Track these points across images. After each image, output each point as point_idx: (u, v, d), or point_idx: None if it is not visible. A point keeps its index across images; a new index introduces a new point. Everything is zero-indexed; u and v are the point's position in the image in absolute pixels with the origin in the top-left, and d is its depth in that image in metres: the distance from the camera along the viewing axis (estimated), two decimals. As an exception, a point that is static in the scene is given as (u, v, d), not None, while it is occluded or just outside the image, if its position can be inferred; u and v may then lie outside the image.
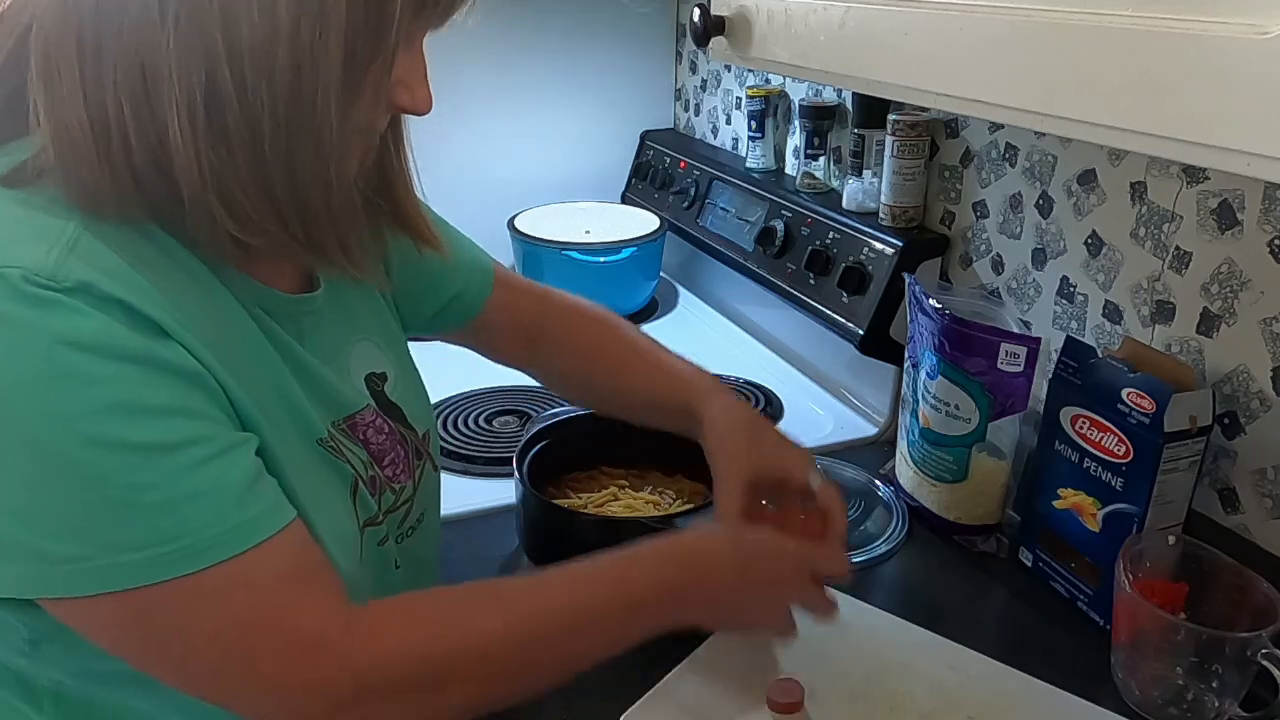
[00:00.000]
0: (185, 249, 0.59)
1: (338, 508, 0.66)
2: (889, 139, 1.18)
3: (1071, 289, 1.03)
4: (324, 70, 0.54)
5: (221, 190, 0.55)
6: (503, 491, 1.04)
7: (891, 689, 0.78)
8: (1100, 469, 0.85)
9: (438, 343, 1.52)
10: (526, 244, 1.59)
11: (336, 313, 0.73)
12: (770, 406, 1.30)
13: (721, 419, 0.84)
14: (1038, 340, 0.92)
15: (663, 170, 1.75)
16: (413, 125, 2.01)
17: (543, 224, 1.61)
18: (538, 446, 0.99)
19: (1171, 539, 0.82)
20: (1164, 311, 0.92)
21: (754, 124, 1.50)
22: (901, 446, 1.06)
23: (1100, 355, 0.86)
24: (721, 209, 1.55)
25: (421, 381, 0.83)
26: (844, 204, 1.29)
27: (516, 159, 1.79)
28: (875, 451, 1.19)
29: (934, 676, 0.80)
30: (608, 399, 0.95)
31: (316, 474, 0.64)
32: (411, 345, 1.58)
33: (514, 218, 1.64)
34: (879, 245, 1.20)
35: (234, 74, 0.52)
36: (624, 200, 1.85)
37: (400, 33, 0.57)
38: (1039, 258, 1.06)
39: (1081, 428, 0.86)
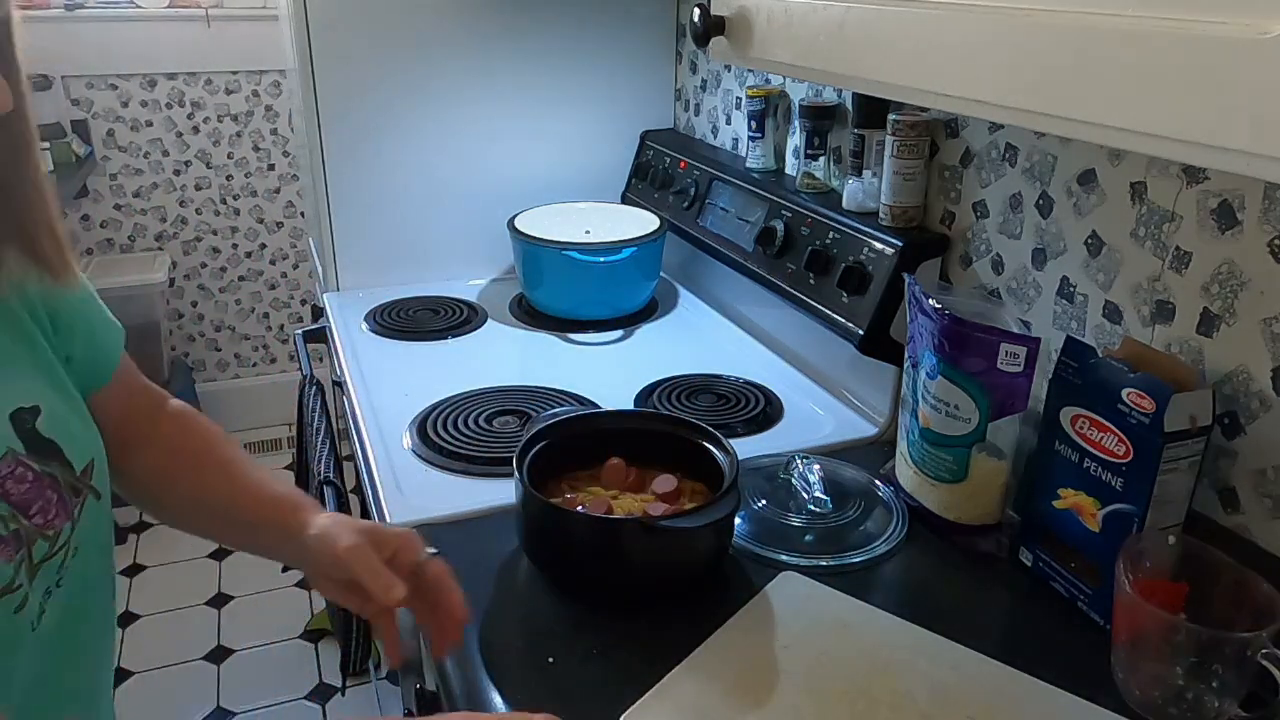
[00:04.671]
0: None
1: None
2: (889, 139, 1.18)
3: (1071, 289, 1.03)
4: None
5: None
6: (503, 491, 1.04)
7: (892, 688, 0.79)
8: (1100, 469, 0.85)
9: (436, 342, 1.53)
10: (526, 244, 1.59)
11: None
12: (770, 406, 1.30)
13: (327, 520, 0.81)
14: (1037, 340, 0.92)
15: (663, 170, 1.75)
16: (411, 125, 2.00)
17: (543, 224, 1.62)
18: (538, 446, 0.99)
19: (1171, 539, 0.82)
20: (1164, 311, 0.92)
21: (754, 124, 1.50)
22: (901, 446, 1.06)
23: (1100, 355, 0.86)
24: (721, 209, 1.55)
25: (81, 405, 0.77)
26: (844, 204, 1.29)
27: (516, 159, 1.79)
28: (875, 451, 1.19)
29: (935, 676, 0.80)
30: (203, 504, 0.87)
31: None
32: (410, 345, 1.57)
33: (514, 218, 1.64)
34: (879, 245, 1.20)
35: None
36: (624, 200, 1.85)
37: None
38: (1039, 258, 1.06)
39: (1081, 428, 0.86)
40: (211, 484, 0.86)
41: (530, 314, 1.64)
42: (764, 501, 1.06)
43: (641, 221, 1.64)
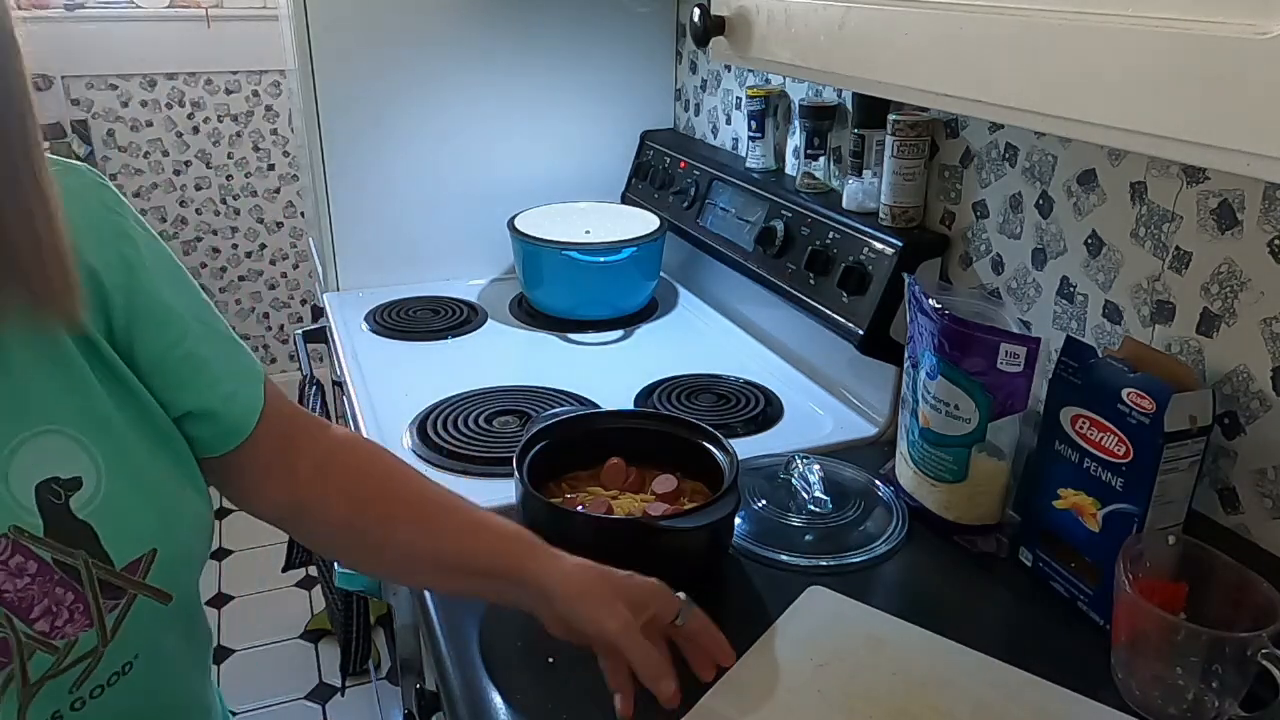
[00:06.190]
0: None
1: None
2: (889, 139, 1.18)
3: (1071, 289, 1.03)
4: None
5: None
6: (503, 491, 1.04)
7: (932, 706, 0.77)
8: (1100, 469, 0.85)
9: (436, 342, 1.53)
10: (526, 244, 1.59)
11: None
12: (770, 406, 1.30)
13: (574, 573, 0.74)
14: (1037, 340, 0.92)
15: (663, 170, 1.75)
16: (411, 125, 2.00)
17: (543, 224, 1.62)
18: (538, 446, 0.99)
19: (1171, 539, 0.81)
20: (1164, 311, 0.92)
21: (754, 124, 1.50)
22: (901, 446, 1.06)
23: (1100, 355, 0.86)
24: (721, 209, 1.55)
25: (157, 484, 0.65)
26: (844, 204, 1.29)
27: (516, 159, 1.79)
28: (875, 451, 1.19)
29: (975, 693, 0.78)
30: (406, 555, 0.77)
31: None
32: (410, 345, 1.57)
33: (514, 218, 1.64)
34: (879, 245, 1.20)
35: None
36: (624, 200, 1.85)
37: None
38: (1039, 258, 1.06)
39: (1081, 428, 0.86)
40: (413, 534, 0.76)
41: (530, 314, 1.64)
42: (764, 501, 1.06)
43: (641, 221, 1.64)
